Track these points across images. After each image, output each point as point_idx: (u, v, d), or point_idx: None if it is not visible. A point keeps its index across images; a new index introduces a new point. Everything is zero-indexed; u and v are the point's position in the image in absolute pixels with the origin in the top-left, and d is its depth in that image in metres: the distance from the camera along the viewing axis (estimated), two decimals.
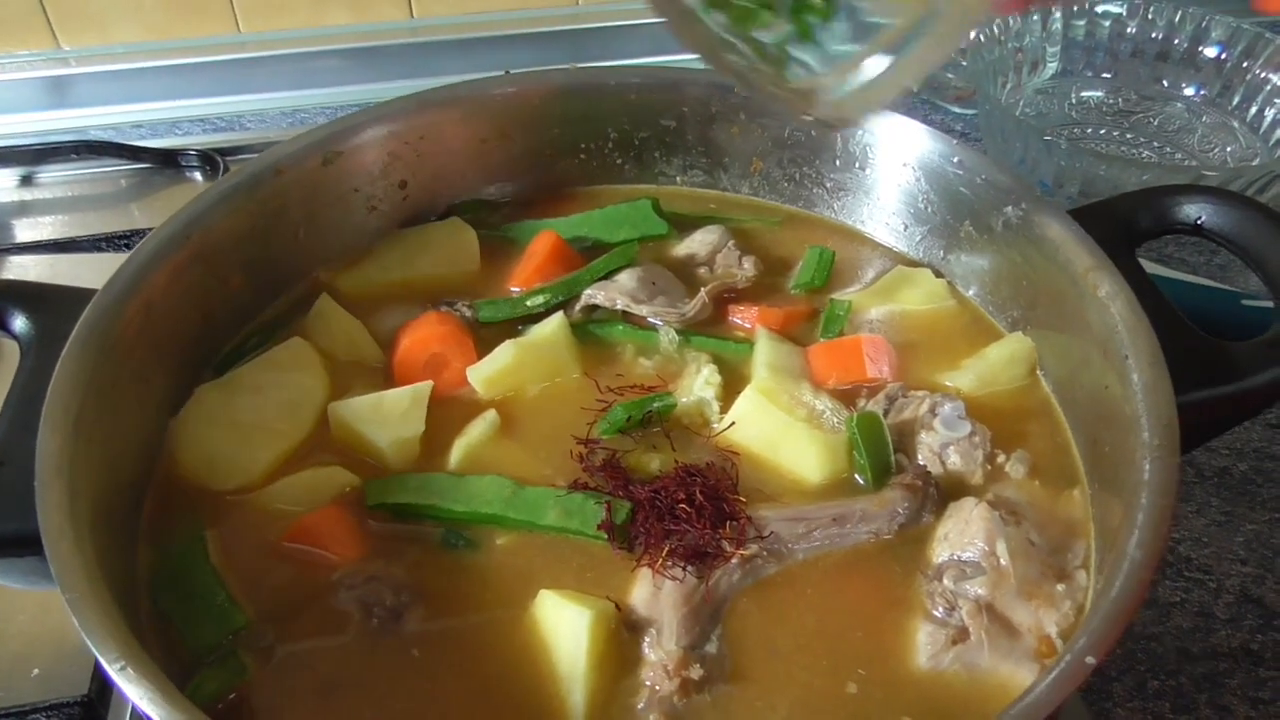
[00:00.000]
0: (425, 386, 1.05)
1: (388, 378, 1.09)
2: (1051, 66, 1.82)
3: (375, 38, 1.94)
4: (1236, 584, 1.20)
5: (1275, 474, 1.30)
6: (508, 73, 1.82)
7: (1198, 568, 1.21)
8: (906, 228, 1.23)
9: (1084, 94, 1.83)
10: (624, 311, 1.14)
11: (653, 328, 1.13)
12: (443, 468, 1.01)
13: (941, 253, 1.20)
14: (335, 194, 1.19)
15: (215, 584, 0.90)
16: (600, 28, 1.96)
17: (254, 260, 1.13)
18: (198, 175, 1.72)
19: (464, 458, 1.02)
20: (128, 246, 1.54)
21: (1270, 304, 1.37)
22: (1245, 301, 1.42)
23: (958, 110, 1.87)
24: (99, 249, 1.56)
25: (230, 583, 0.91)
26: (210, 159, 1.71)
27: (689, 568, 0.90)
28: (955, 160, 1.13)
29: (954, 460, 1.00)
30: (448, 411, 1.05)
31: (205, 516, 0.97)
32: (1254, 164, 1.64)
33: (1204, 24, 1.74)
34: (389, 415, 1.02)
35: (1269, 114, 1.68)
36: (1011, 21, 1.75)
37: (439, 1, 1.95)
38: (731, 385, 1.06)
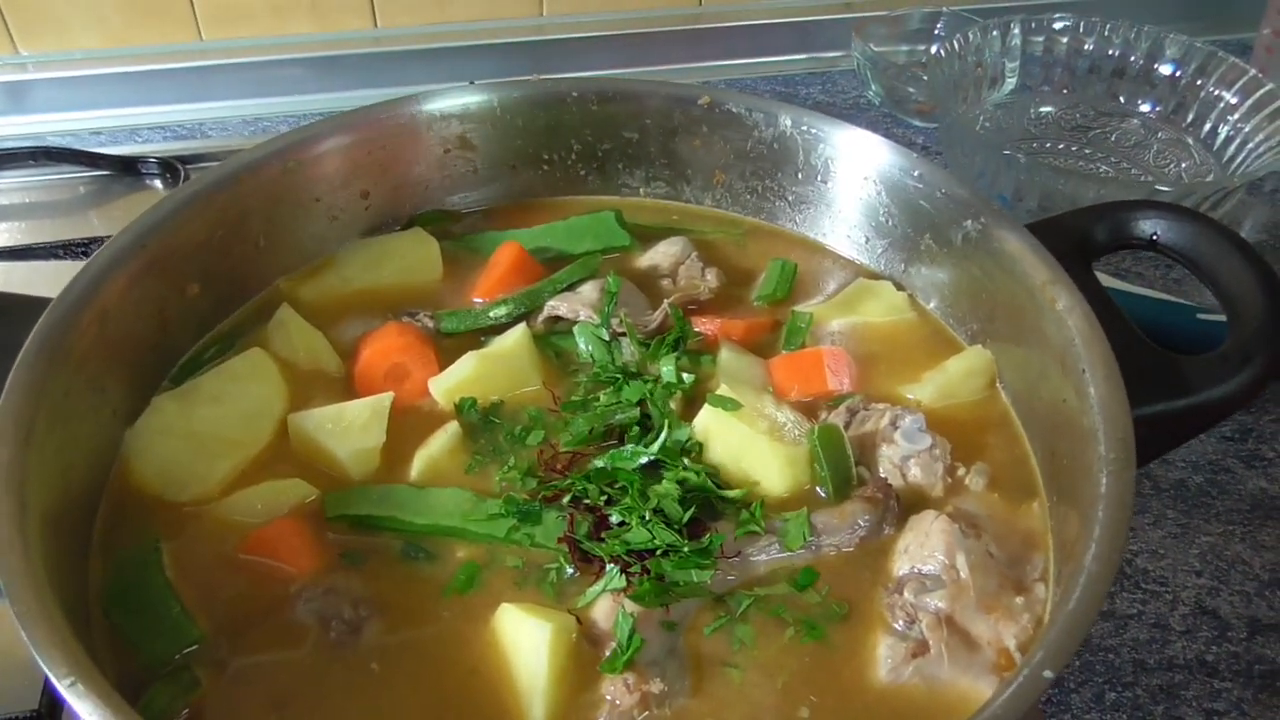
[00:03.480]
0: (386, 398, 1.04)
1: (348, 388, 1.08)
2: (1011, 82, 1.84)
3: (338, 47, 1.93)
4: (1192, 596, 1.21)
5: (1229, 486, 1.32)
6: (472, 83, 1.83)
7: (1154, 580, 1.22)
8: (868, 240, 1.24)
9: (1042, 109, 1.86)
10: (586, 323, 1.14)
11: (616, 340, 1.13)
12: (403, 479, 1.01)
13: (902, 266, 1.21)
14: (296, 203, 1.18)
15: (169, 597, 0.89)
16: (564, 39, 1.96)
17: (213, 269, 1.12)
18: (158, 183, 1.69)
19: (425, 469, 1.01)
20: (85, 254, 1.52)
21: (1223, 318, 1.40)
22: (1199, 315, 1.44)
23: (919, 124, 1.89)
24: (56, 256, 1.54)
25: (185, 595, 0.90)
26: (171, 166, 1.69)
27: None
28: (915, 174, 1.14)
29: (915, 473, 1.01)
30: (409, 423, 1.05)
31: (160, 528, 0.95)
32: (1207, 180, 1.67)
33: (1159, 42, 1.77)
34: (349, 426, 1.01)
35: (1222, 131, 1.71)
36: (971, 36, 1.77)
37: (403, 11, 1.95)
38: (694, 397, 1.06)
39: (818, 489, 1.00)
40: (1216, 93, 1.72)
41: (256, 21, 1.90)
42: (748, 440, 1.00)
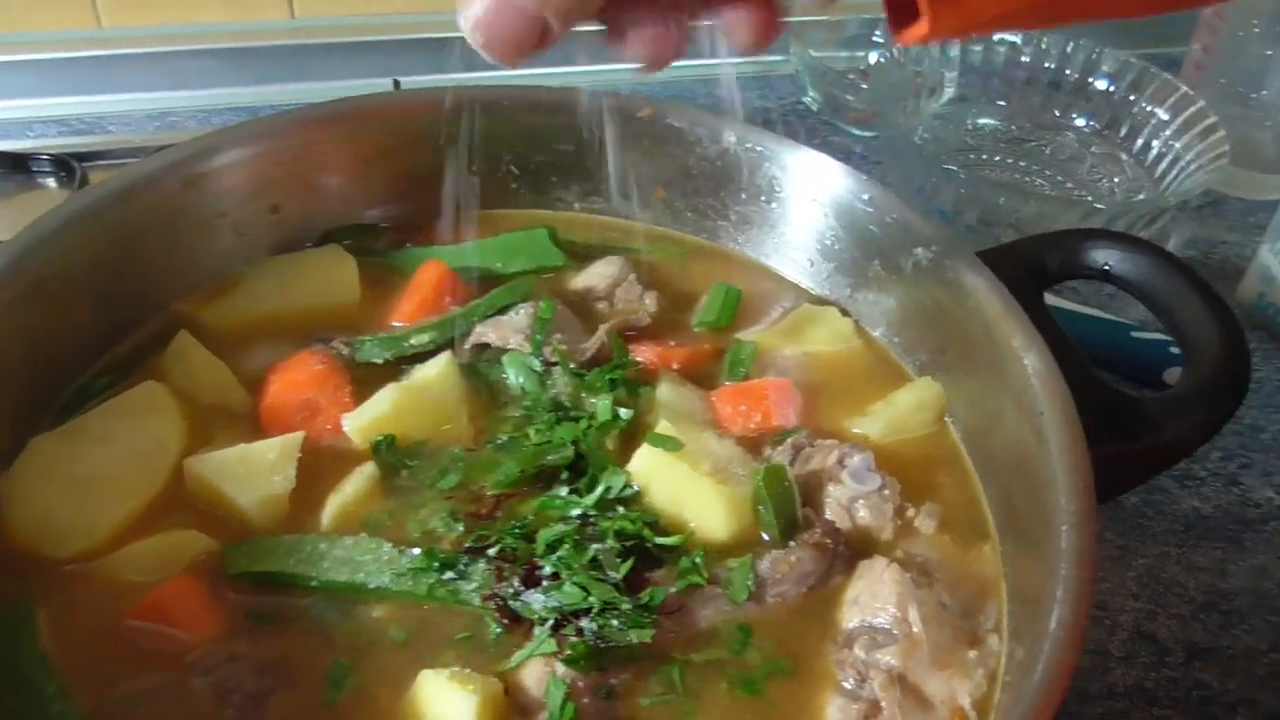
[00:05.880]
0: (296, 438, 0.95)
1: (255, 425, 1.00)
2: (949, 91, 1.82)
3: (253, 38, 1.82)
4: (1130, 620, 1.20)
5: (1165, 506, 1.31)
6: (397, 83, 1.74)
7: (1094, 605, 1.20)
8: (813, 264, 1.19)
9: (980, 121, 1.84)
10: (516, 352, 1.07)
11: (549, 370, 1.06)
12: (315, 528, 0.92)
13: (849, 291, 1.17)
14: (197, 219, 1.08)
15: (45, 672, 0.79)
16: None
17: (103, 292, 1.02)
18: (51, 182, 1.57)
19: (338, 517, 0.93)
20: None
21: (1161, 336, 1.39)
22: (1135, 334, 1.43)
23: (857, 132, 1.85)
24: None
25: (63, 670, 0.80)
26: (66, 164, 1.57)
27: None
28: (865, 197, 1.10)
29: (863, 515, 0.96)
30: (321, 464, 0.96)
31: (36, 590, 0.85)
32: (1140, 198, 1.67)
33: (1094, 56, 1.76)
34: (254, 470, 0.92)
35: (1154, 146, 1.71)
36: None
37: (323, 1, 1.84)
38: (632, 433, 1.00)
39: (762, 533, 0.95)
40: (1149, 109, 1.72)
41: (162, 9, 1.78)
42: (690, 482, 0.94)
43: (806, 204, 1.15)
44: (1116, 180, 1.73)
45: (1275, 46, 1.71)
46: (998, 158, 1.79)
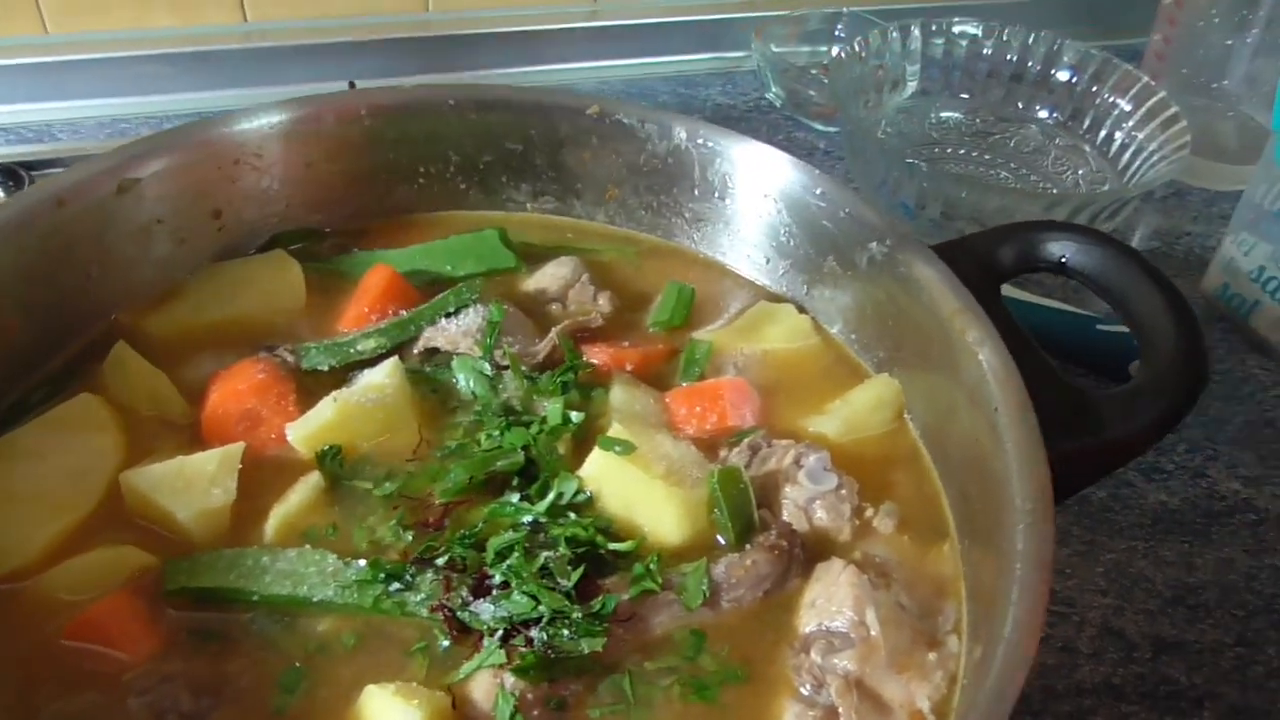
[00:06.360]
0: (236, 449, 0.92)
1: (196, 437, 0.97)
2: (912, 85, 1.81)
3: (204, 42, 1.79)
4: (1098, 616, 1.18)
5: (1131, 500, 1.30)
6: (352, 84, 1.71)
7: (1062, 601, 1.19)
8: (769, 261, 1.17)
9: (943, 114, 1.83)
10: (466, 356, 1.04)
11: (500, 374, 1.03)
12: (258, 541, 0.90)
13: (805, 287, 1.15)
14: (134, 226, 1.05)
15: None
16: (452, 36, 1.85)
17: (36, 303, 0.99)
18: None
19: (281, 529, 0.90)
20: None
21: (1124, 328, 1.38)
22: (1100, 326, 1.42)
23: (820, 127, 1.84)
24: None
25: None
26: (13, 173, 1.53)
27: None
28: (818, 192, 1.08)
29: (820, 516, 0.95)
30: (264, 475, 0.94)
31: None
32: (1104, 189, 1.66)
33: (1055, 48, 1.75)
34: (192, 483, 0.90)
35: (1117, 137, 1.70)
36: (872, 39, 1.72)
37: (275, 4, 1.81)
38: (585, 437, 0.98)
39: (718, 537, 0.93)
40: (1111, 100, 1.71)
41: (110, 14, 1.74)
42: (642, 486, 0.92)
43: (759, 200, 1.14)
44: (1080, 172, 1.73)
45: (1235, 36, 1.71)
46: (962, 151, 1.78)
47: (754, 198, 1.14)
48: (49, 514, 0.88)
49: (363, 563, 0.87)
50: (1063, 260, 1.01)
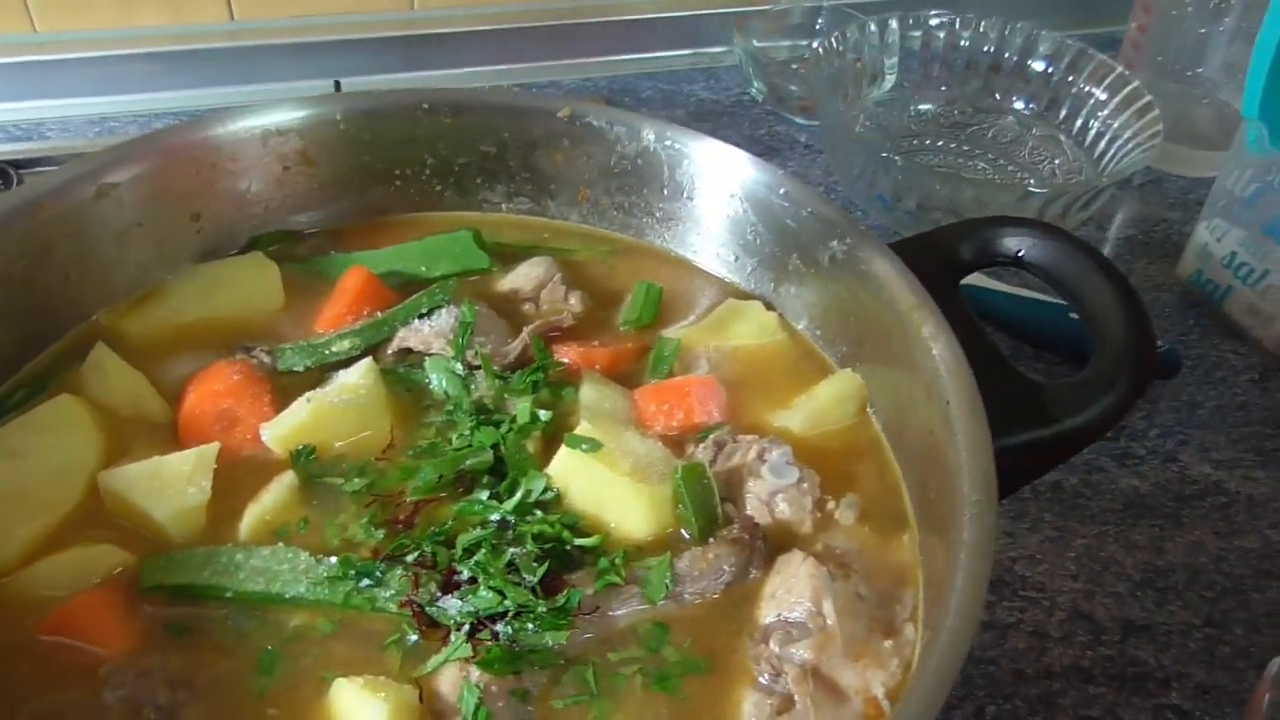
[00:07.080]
0: (211, 448, 0.95)
1: (174, 437, 0.99)
2: (890, 78, 1.82)
3: (192, 40, 1.81)
4: (1068, 600, 1.20)
5: (1103, 486, 1.32)
6: (338, 84, 1.73)
7: (1032, 586, 1.21)
8: (737, 259, 1.19)
9: (922, 106, 1.84)
10: (439, 356, 1.06)
11: (472, 373, 1.06)
12: (233, 538, 0.92)
13: (772, 285, 1.17)
14: (113, 230, 1.07)
15: None
16: (437, 34, 1.86)
17: (15, 306, 1.01)
18: None
19: (256, 527, 0.93)
20: None
21: None
22: (1072, 314, 1.43)
23: (802, 121, 1.85)
24: None
25: None
26: (3, 171, 1.56)
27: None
28: (781, 191, 1.10)
29: (783, 508, 0.97)
30: (240, 475, 0.96)
31: None
32: (1079, 179, 1.68)
33: (1031, 38, 1.77)
34: (169, 482, 0.92)
35: (1093, 127, 1.71)
36: (850, 32, 1.74)
37: (262, 3, 1.83)
38: (554, 435, 1.00)
39: (682, 531, 0.95)
40: (1087, 89, 1.72)
41: (98, 12, 1.76)
42: (608, 483, 0.94)
43: (726, 199, 1.15)
44: (1057, 162, 1.74)
45: (1211, 23, 1.72)
46: (940, 143, 1.79)
47: (720, 197, 1.16)
48: (28, 513, 0.90)
49: (334, 560, 0.89)
50: (1019, 254, 1.03)
